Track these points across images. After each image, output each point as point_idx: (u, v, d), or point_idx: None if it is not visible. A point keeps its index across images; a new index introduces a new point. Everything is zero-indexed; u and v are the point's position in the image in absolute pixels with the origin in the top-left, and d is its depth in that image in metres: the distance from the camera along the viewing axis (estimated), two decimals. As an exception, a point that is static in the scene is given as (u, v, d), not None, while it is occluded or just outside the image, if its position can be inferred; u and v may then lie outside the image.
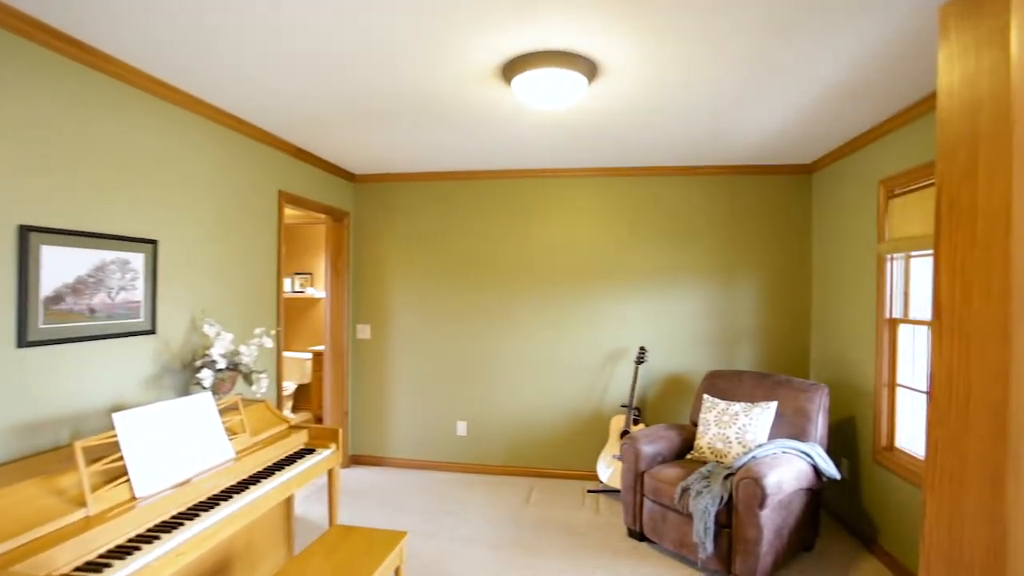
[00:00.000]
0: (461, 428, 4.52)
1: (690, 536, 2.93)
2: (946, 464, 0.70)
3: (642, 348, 4.09)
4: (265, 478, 2.27)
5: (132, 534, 1.72)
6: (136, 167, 2.45)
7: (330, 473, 2.78)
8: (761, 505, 2.67)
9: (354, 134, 3.41)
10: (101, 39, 2.10)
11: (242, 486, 2.17)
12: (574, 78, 2.35)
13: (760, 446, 3.07)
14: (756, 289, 4.18)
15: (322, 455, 2.63)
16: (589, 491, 4.11)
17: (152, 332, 2.54)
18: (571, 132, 3.34)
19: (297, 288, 6.26)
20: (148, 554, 1.62)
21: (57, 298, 2.07)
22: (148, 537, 1.71)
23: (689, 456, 3.44)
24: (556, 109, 2.93)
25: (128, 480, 1.86)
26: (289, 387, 5.88)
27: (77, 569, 1.51)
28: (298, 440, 2.72)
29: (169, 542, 1.70)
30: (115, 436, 1.89)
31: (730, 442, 3.21)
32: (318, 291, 6.25)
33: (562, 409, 4.40)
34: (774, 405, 3.26)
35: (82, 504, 1.70)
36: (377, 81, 2.53)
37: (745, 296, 4.19)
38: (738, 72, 2.40)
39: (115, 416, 1.89)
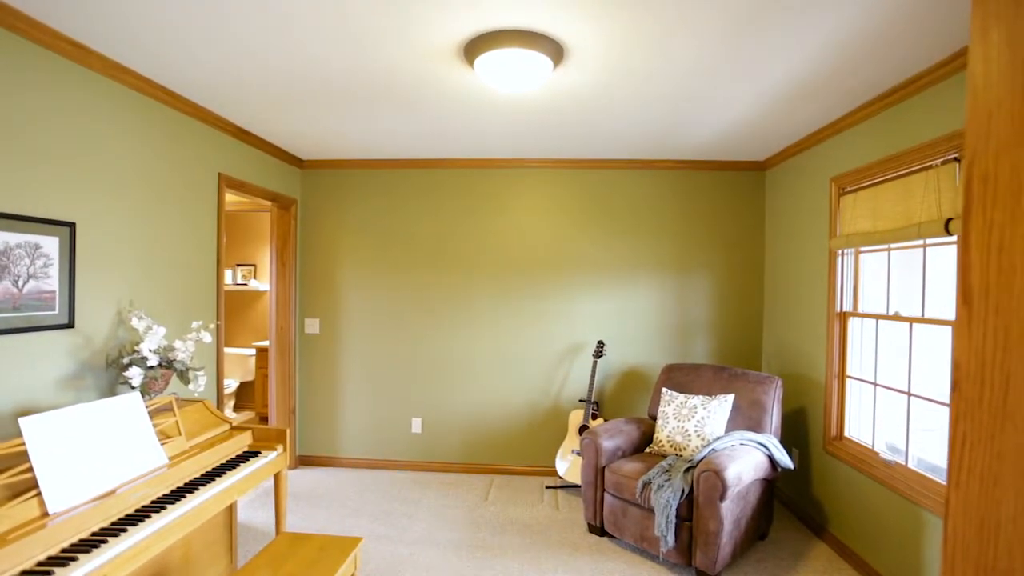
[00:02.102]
0: (416, 425, 4.37)
1: (651, 530, 2.92)
2: (976, 461, 0.64)
3: (600, 342, 4.07)
4: (203, 485, 2.07)
5: (42, 556, 1.51)
6: (49, 141, 2.18)
7: (277, 476, 2.59)
8: (722, 497, 2.67)
9: (302, 115, 3.19)
10: (6, -9, 1.83)
11: (177, 495, 1.96)
12: (540, 60, 2.25)
13: (719, 438, 3.09)
14: (711, 283, 4.23)
15: (268, 457, 2.44)
16: (548, 487, 4.05)
17: (70, 326, 2.27)
18: (532, 120, 3.25)
19: (239, 280, 5.92)
20: (62, 578, 1.41)
21: (-48, 287, 1.81)
22: (63, 559, 1.50)
23: (649, 450, 3.43)
24: (519, 92, 2.83)
25: (39, 494, 1.63)
26: (231, 385, 5.54)
27: (-28, 601, 1.30)
28: (241, 442, 2.52)
29: (88, 563, 1.49)
30: (23, 444, 1.66)
31: (689, 435, 3.22)
32: (262, 283, 5.92)
33: (520, 404, 4.33)
34: (731, 398, 3.30)
35: (-19, 523, 1.48)
36: (328, 54, 2.35)
37: (701, 290, 4.23)
38: (700, 62, 2.37)
39: (22, 421, 1.66)
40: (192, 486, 2.06)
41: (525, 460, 4.33)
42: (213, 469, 2.25)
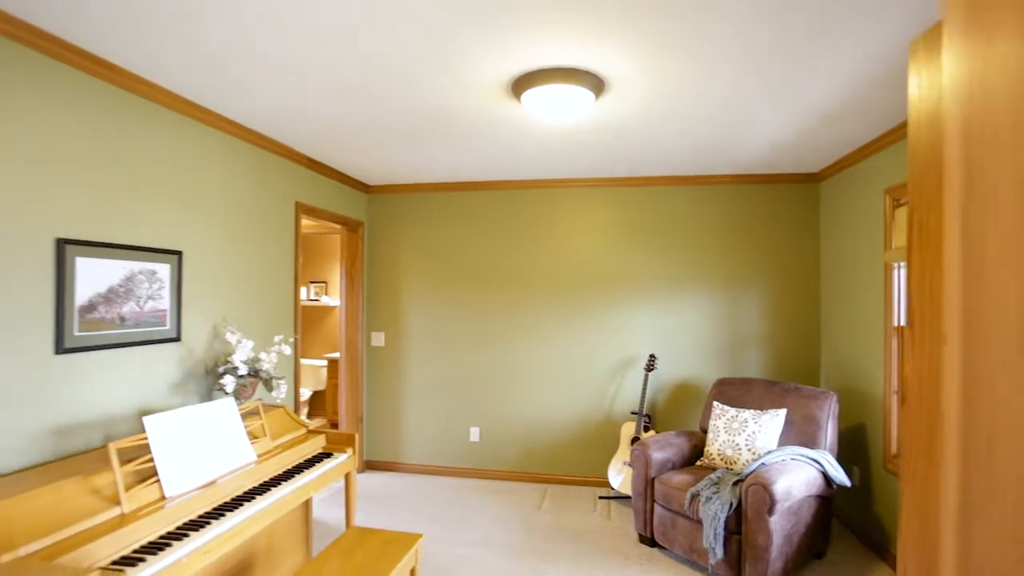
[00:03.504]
0: (474, 434, 4.59)
1: (700, 542, 2.97)
2: (918, 467, 0.76)
3: (652, 355, 4.14)
4: (285, 480, 2.36)
5: (162, 531, 1.81)
6: (162, 181, 2.57)
7: (347, 477, 2.86)
8: (770, 511, 2.70)
9: (367, 148, 3.52)
10: (131, 60, 2.22)
11: (264, 488, 2.26)
12: (581, 93, 2.43)
13: (769, 453, 3.10)
14: (765, 297, 4.21)
15: (339, 459, 2.72)
16: (601, 497, 4.15)
17: (177, 339, 2.64)
18: (578, 143, 3.42)
19: (312, 296, 6.40)
20: (178, 551, 1.70)
21: (90, 307, 2.19)
22: (177, 535, 1.80)
23: (699, 463, 3.47)
24: (564, 123, 3.01)
25: (158, 480, 1.95)
26: (305, 393, 5.99)
27: (114, 563, 1.60)
28: (316, 444, 2.81)
29: (197, 540, 1.78)
30: (146, 438, 1.99)
31: (740, 449, 3.24)
32: (332, 299, 6.37)
33: (574, 416, 4.46)
34: (783, 412, 3.29)
35: (116, 503, 1.80)
36: (389, 99, 2.63)
37: (754, 304, 4.22)
38: (745, 84, 2.47)
39: (145, 419, 1.99)
40: (276, 481, 2.35)
41: (578, 470, 4.45)
42: (293, 467, 2.54)
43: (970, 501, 0.50)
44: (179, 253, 2.65)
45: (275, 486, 2.29)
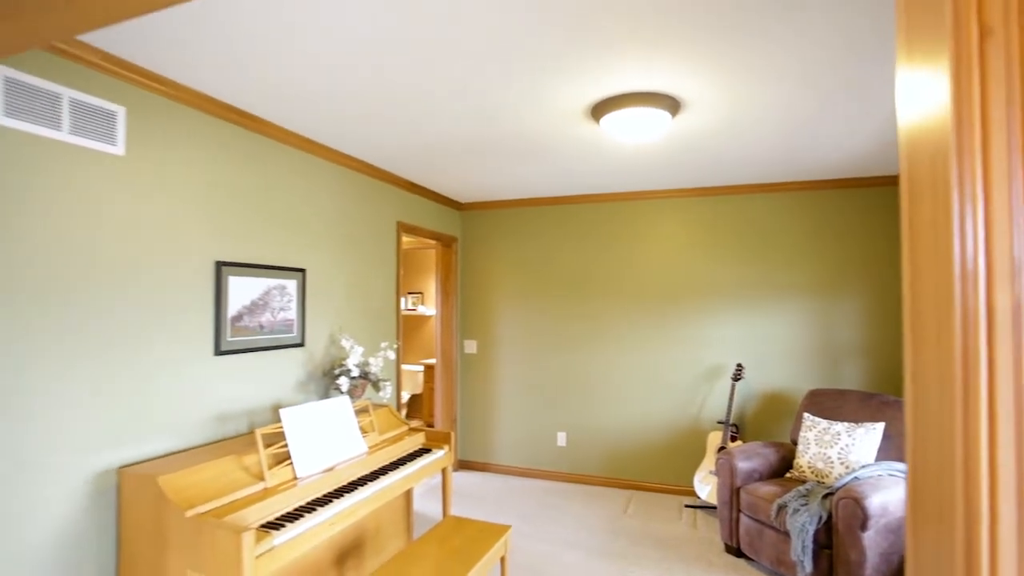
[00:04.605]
0: (561, 439, 4.76)
1: (788, 554, 2.93)
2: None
3: (739, 365, 4.10)
4: (392, 470, 2.68)
5: (296, 505, 2.17)
6: (289, 208, 3.02)
7: (443, 471, 3.15)
8: (863, 527, 2.63)
9: (461, 170, 3.84)
10: (264, 109, 2.66)
11: (374, 476, 2.58)
12: (658, 115, 2.56)
13: (864, 467, 3.00)
14: (860, 305, 4.03)
15: (437, 455, 3.01)
16: (687, 506, 4.15)
17: (301, 345, 3.07)
18: (657, 158, 3.52)
19: (410, 306, 6.90)
20: (309, 521, 2.04)
21: (238, 317, 2.64)
22: (308, 508, 2.14)
23: (788, 475, 3.41)
24: (642, 142, 3.14)
25: (291, 463, 2.32)
26: (403, 396, 6.47)
27: (262, 526, 1.96)
28: (416, 441, 3.12)
29: (324, 514, 2.12)
30: (281, 427, 2.38)
31: (831, 462, 3.16)
32: (428, 309, 6.83)
33: (659, 424, 4.50)
34: (881, 427, 3.16)
35: (261, 478, 2.18)
36: (481, 126, 2.91)
37: (848, 312, 4.05)
38: (827, 96, 2.48)
39: (282, 411, 2.38)
40: (384, 470, 2.67)
41: (663, 478, 4.47)
42: (397, 459, 2.86)
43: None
44: (303, 270, 3.09)
45: (383, 475, 2.61)
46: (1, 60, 1.45)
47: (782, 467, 3.46)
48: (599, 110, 2.62)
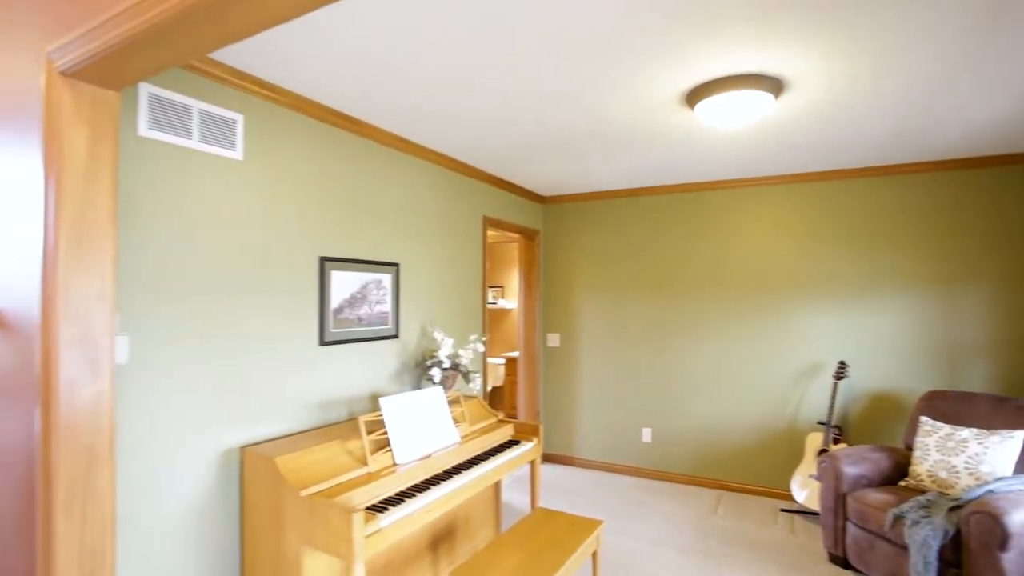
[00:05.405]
0: (646, 435, 4.66)
1: (905, 569, 2.70)
2: None
3: (842, 362, 3.81)
4: (484, 460, 2.73)
5: (397, 490, 2.27)
6: (383, 205, 3.14)
7: (532, 463, 3.17)
8: (1002, 546, 2.37)
9: (545, 162, 3.83)
10: (361, 110, 2.78)
11: (467, 464, 2.65)
12: (760, 97, 2.41)
13: (1000, 480, 2.70)
14: (987, 297, 3.61)
15: (526, 447, 3.03)
16: (783, 510, 3.94)
17: (396, 337, 3.20)
18: (753, 143, 3.33)
19: (491, 300, 7.00)
20: (411, 505, 2.13)
21: (340, 309, 2.78)
22: (408, 493, 2.23)
23: (903, 483, 3.13)
24: (738, 128, 2.98)
25: (390, 450, 2.43)
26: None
27: (368, 508, 2.07)
28: (505, 433, 3.17)
29: (423, 499, 2.20)
30: (380, 415, 2.49)
31: (957, 472, 2.87)
32: (508, 302, 6.91)
33: (751, 422, 4.29)
34: (1020, 435, 2.83)
35: (364, 463, 2.29)
36: (565, 117, 2.88)
37: (973, 306, 3.64)
38: (960, 66, 2.23)
39: (381, 400, 2.49)
40: (476, 460, 2.73)
41: (755, 479, 4.26)
42: (488, 450, 2.92)
43: None
44: (396, 265, 3.21)
45: (476, 464, 2.67)
46: (148, 78, 1.61)
47: (895, 474, 3.18)
48: (695, 96, 2.51)
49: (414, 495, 2.22)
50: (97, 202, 1.44)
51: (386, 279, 3.12)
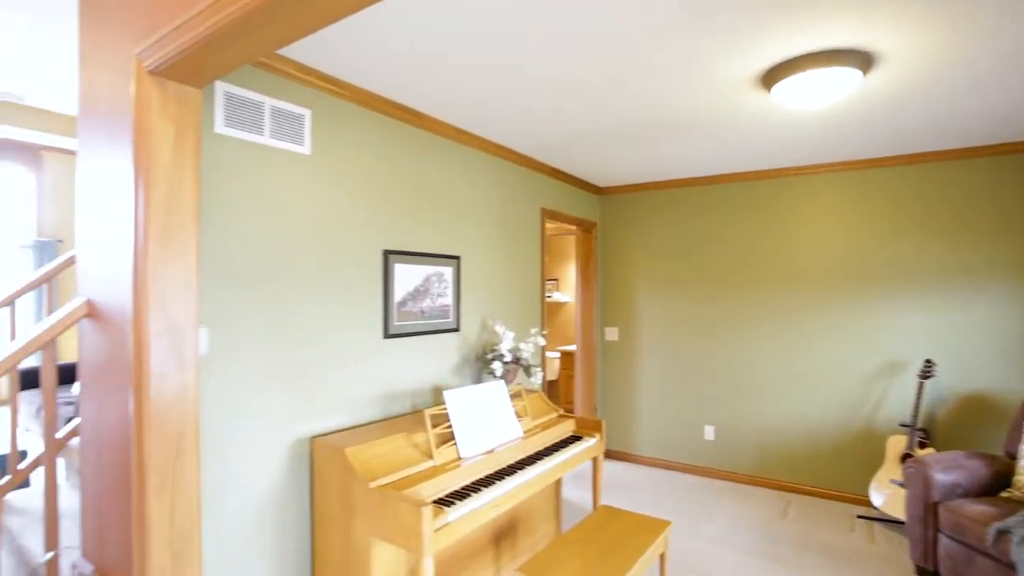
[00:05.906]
0: (709, 432, 4.50)
1: (1008, 587, 2.47)
2: None
3: (928, 361, 3.53)
4: (547, 455, 2.69)
5: (462, 484, 2.26)
6: (445, 199, 3.13)
7: (594, 460, 3.11)
8: (1122, 566, 2.13)
9: (604, 152, 3.72)
10: (424, 104, 2.77)
11: (531, 460, 2.61)
12: (845, 74, 2.24)
13: (1120, 493, 2.43)
14: (1110, 293, 3.25)
15: (589, 443, 2.97)
16: (860, 517, 3.70)
17: (457, 330, 3.20)
18: (837, 124, 3.11)
19: (546, 293, 6.94)
20: (477, 500, 2.11)
21: (403, 302, 2.80)
22: (474, 488, 2.22)
23: (1005, 494, 2.87)
24: (818, 109, 2.78)
25: (455, 444, 2.42)
26: (539, 381, 6.55)
27: (435, 502, 2.06)
28: (567, 428, 3.11)
29: (489, 494, 2.18)
30: (445, 408, 2.49)
31: (1069, 482, 2.60)
32: (563, 295, 6.83)
33: (823, 423, 4.05)
34: None
35: (430, 456, 2.30)
36: (628, 106, 2.77)
37: (1091, 302, 3.29)
38: (1078, 33, 1.99)
39: (445, 393, 2.48)
40: (539, 455, 2.69)
41: (827, 483, 4.03)
42: (551, 445, 2.87)
43: None
44: (457, 258, 3.20)
45: (539, 459, 2.63)
46: (224, 76, 1.64)
47: (995, 484, 2.92)
48: (773, 76, 2.36)
49: (480, 490, 2.21)
50: (182, 197, 1.48)
51: (447, 272, 3.12)
